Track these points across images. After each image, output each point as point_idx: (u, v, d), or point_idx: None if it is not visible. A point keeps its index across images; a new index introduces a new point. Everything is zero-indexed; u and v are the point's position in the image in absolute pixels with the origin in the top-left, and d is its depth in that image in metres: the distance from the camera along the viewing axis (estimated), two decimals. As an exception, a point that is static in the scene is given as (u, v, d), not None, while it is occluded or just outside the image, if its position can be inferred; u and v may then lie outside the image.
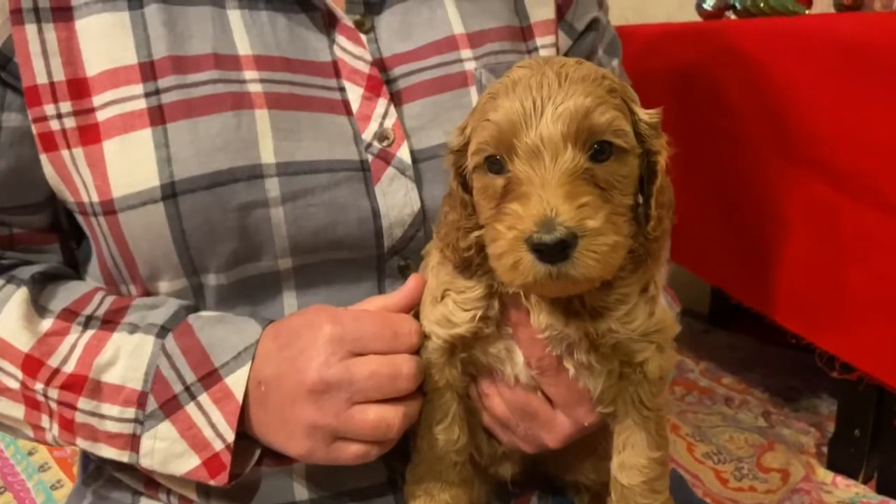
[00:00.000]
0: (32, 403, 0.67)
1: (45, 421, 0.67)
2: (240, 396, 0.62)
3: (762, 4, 1.50)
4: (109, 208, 0.66)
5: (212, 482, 0.64)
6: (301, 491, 0.69)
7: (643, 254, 0.56)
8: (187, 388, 0.63)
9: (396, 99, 0.73)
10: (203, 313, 0.68)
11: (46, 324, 0.67)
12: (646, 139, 0.55)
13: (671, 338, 0.60)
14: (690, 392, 1.75)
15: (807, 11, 1.53)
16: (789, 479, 1.39)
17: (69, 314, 0.68)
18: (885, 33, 1.20)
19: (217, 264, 0.67)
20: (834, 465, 1.44)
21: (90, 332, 0.67)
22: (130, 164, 0.65)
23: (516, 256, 0.49)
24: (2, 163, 0.68)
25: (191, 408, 0.63)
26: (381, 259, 0.71)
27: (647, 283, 0.58)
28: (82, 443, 0.67)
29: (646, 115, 0.55)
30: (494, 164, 0.53)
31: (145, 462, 0.65)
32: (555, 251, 0.48)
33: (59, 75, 0.65)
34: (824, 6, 1.54)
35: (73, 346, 0.66)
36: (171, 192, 0.64)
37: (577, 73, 0.53)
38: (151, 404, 0.64)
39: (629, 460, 0.61)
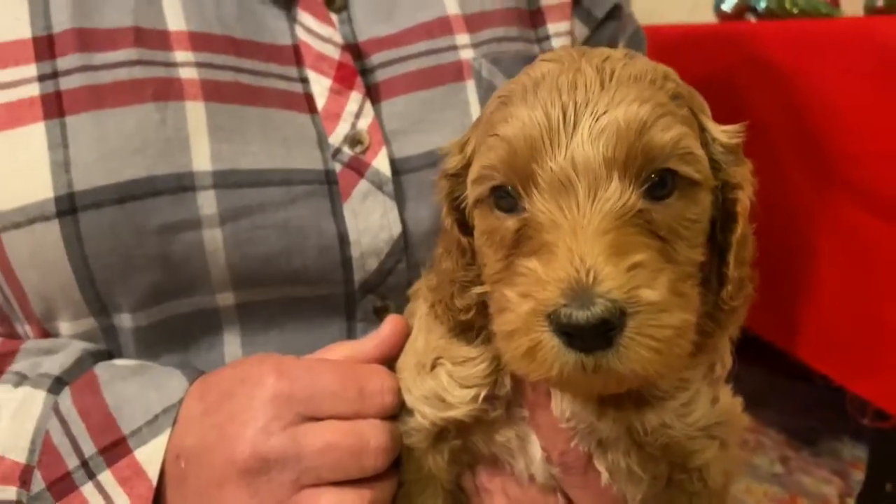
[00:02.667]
0: None
1: None
2: (154, 475, 0.49)
3: (789, 6, 1.40)
4: None
5: None
6: None
7: (712, 327, 0.42)
8: (84, 463, 0.50)
9: (374, 94, 0.62)
10: (117, 361, 0.55)
11: None
12: (722, 167, 0.41)
13: (739, 432, 0.47)
14: (698, 430, 1.62)
15: (836, 13, 1.45)
16: (816, 540, 1.27)
17: None
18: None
19: (132, 301, 0.54)
20: (861, 522, 1.32)
21: None
22: (15, 170, 0.53)
23: (533, 339, 0.35)
24: None
25: (88, 489, 0.50)
26: (351, 298, 0.59)
27: (713, 362, 0.45)
28: None
29: (722, 133, 0.41)
30: (504, 199, 0.39)
31: None
32: (592, 335, 0.33)
33: None
34: (855, 8, 1.45)
35: None
36: (68, 207, 0.52)
37: (627, 71, 0.38)
38: (38, 483, 0.51)
39: None
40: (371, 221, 0.58)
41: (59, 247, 0.53)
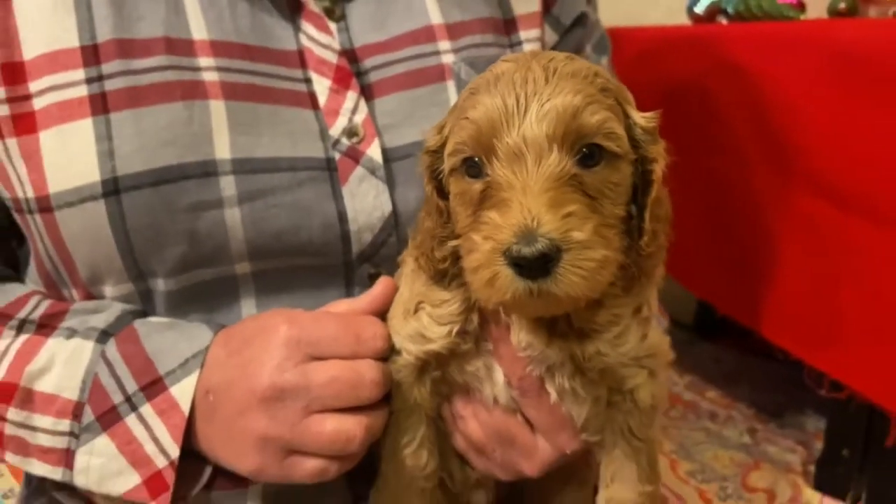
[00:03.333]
0: None
1: None
2: (186, 408, 0.57)
3: (755, 9, 1.47)
4: (45, 205, 0.61)
5: (151, 502, 0.58)
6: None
7: (636, 271, 0.51)
8: (128, 399, 0.58)
9: (367, 93, 0.68)
10: (151, 319, 0.63)
11: None
12: (641, 145, 0.50)
13: (665, 364, 0.55)
14: (674, 406, 1.71)
15: (802, 16, 1.50)
16: (776, 501, 1.36)
17: (1, 318, 0.63)
18: (882, 41, 1.17)
19: (165, 269, 0.62)
20: (821, 486, 1.40)
21: (23, 337, 0.62)
22: (68, 157, 0.60)
23: (493, 271, 0.44)
24: None
25: (131, 420, 0.58)
26: (350, 266, 0.66)
27: (640, 303, 0.53)
28: (12, 458, 0.61)
29: (642, 118, 0.50)
30: (472, 168, 0.48)
31: (80, 480, 0.60)
32: (536, 265, 0.43)
33: None
34: (819, 11, 1.50)
35: (4, 352, 0.61)
36: (112, 189, 0.59)
37: (566, 69, 0.48)
38: (88, 416, 0.59)
39: (618, 495, 0.56)
40: (366, 202, 0.65)
41: (105, 223, 0.59)
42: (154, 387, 0.58)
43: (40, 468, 0.61)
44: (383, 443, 0.60)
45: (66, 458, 0.60)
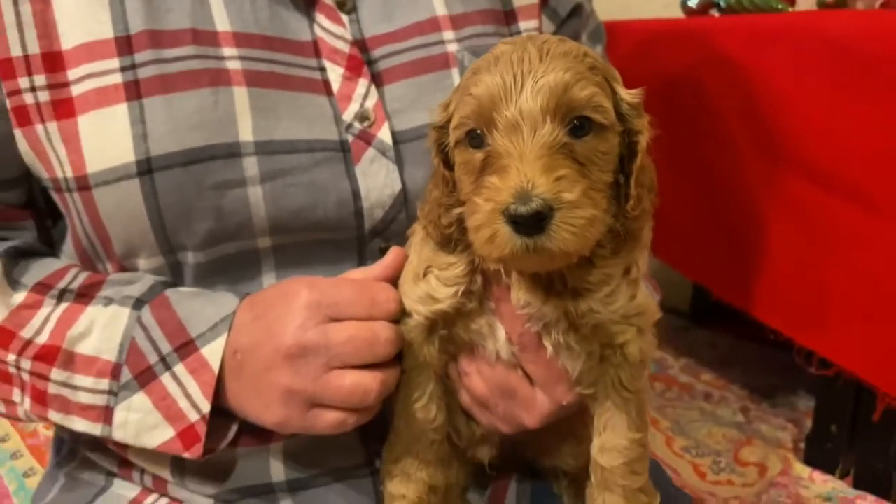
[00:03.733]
0: (4, 376, 0.66)
1: (16, 395, 0.66)
2: (216, 367, 0.62)
3: (746, 3, 1.50)
4: (84, 184, 0.65)
5: (185, 455, 0.63)
6: (278, 471, 0.69)
7: (624, 234, 0.56)
8: (163, 359, 0.63)
9: (377, 80, 0.73)
10: (181, 288, 0.68)
11: (19, 297, 0.67)
12: (627, 119, 0.55)
13: (652, 322, 0.60)
14: (670, 388, 1.75)
15: (791, 9, 1.53)
16: (767, 473, 1.40)
17: (42, 287, 0.68)
18: (869, 32, 1.21)
19: (194, 243, 0.66)
20: (811, 461, 1.44)
21: (64, 306, 0.66)
22: (105, 140, 0.64)
23: (493, 229, 0.49)
24: None
25: (166, 378, 0.63)
26: (362, 241, 0.70)
27: (629, 265, 0.58)
28: (54, 415, 0.66)
29: (628, 94, 0.55)
30: (475, 139, 0.53)
31: (118, 434, 0.64)
32: (531, 223, 0.48)
33: (34, 48, 0.65)
34: (808, 4, 1.54)
35: (47, 319, 0.66)
36: (146, 168, 0.63)
37: (558, 49, 0.53)
38: (125, 375, 0.63)
39: (609, 442, 0.61)
40: (377, 180, 0.69)
41: (139, 200, 0.64)
42: (186, 348, 0.63)
43: (81, 424, 0.65)
44: (396, 399, 0.65)
45: (106, 414, 0.64)
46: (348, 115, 0.70)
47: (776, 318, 1.40)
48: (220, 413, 0.65)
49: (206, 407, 0.62)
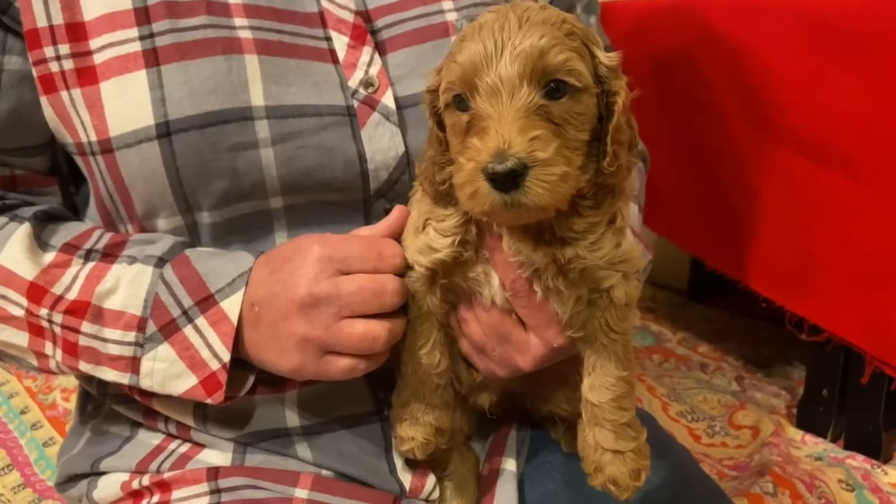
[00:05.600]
0: (36, 330, 0.70)
1: (48, 348, 0.70)
2: (234, 319, 0.65)
3: None
4: (107, 147, 0.69)
5: (208, 400, 0.67)
6: (293, 417, 0.73)
7: (607, 188, 0.60)
8: (185, 312, 0.67)
9: (381, 48, 0.76)
10: (199, 248, 0.72)
11: (49, 256, 0.70)
12: (605, 81, 0.58)
13: (637, 269, 0.63)
14: (667, 360, 1.79)
15: None
16: (759, 435, 1.44)
17: (70, 248, 0.71)
18: (854, 8, 1.25)
19: (210, 202, 0.70)
20: (803, 425, 1.48)
21: (91, 264, 0.70)
22: (126, 104, 0.68)
23: (474, 186, 0.53)
24: (3, 104, 0.71)
25: (188, 330, 0.66)
26: (368, 201, 0.74)
27: (613, 215, 0.62)
28: (85, 366, 0.70)
29: (606, 58, 0.59)
30: (461, 103, 0.57)
31: (145, 383, 0.68)
32: (507, 180, 0.52)
33: (58, 19, 0.68)
34: None
35: (76, 277, 0.69)
36: (165, 131, 0.67)
37: (537, 17, 0.56)
38: (151, 328, 0.67)
39: (598, 380, 0.64)
40: (382, 143, 0.72)
41: (159, 161, 0.67)
42: (207, 301, 0.66)
43: (111, 374, 0.69)
44: (402, 347, 0.69)
45: (133, 364, 0.68)
46: (354, 81, 0.73)
47: (768, 287, 1.44)
48: (240, 363, 0.68)
49: (226, 356, 0.66)
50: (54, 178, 0.78)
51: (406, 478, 0.74)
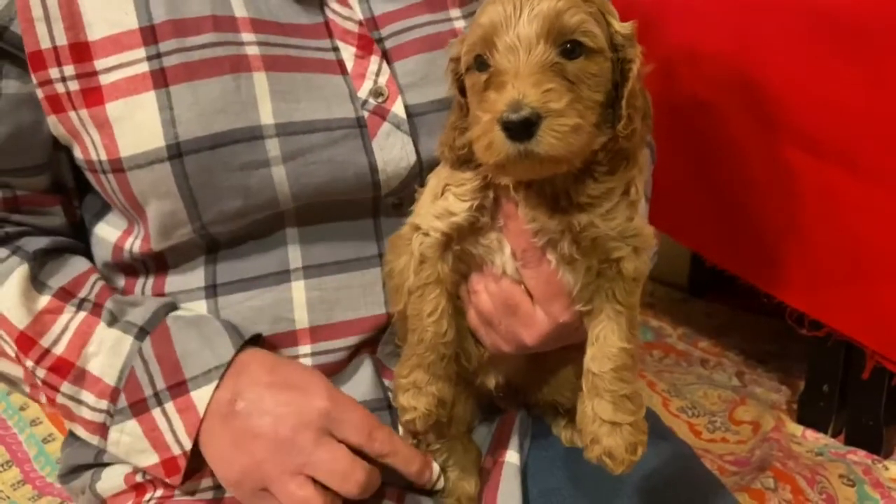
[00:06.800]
0: (27, 373, 0.72)
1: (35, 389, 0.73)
2: (202, 411, 0.67)
3: None
4: (118, 166, 0.69)
5: (167, 480, 0.69)
6: None
7: (621, 153, 0.61)
8: (156, 394, 0.68)
9: (389, 57, 0.76)
10: (181, 313, 0.72)
11: (44, 300, 0.71)
12: (620, 48, 0.60)
13: (648, 246, 0.64)
14: (668, 355, 1.79)
15: None
16: (760, 431, 1.45)
17: (65, 294, 0.72)
18: (852, 3, 1.24)
19: (224, 218, 0.71)
20: (804, 420, 1.49)
21: (82, 315, 0.71)
22: (137, 126, 0.67)
23: (490, 136, 0.55)
24: (2, 128, 0.71)
25: (157, 413, 0.68)
26: (378, 199, 0.75)
27: (628, 185, 0.63)
28: (64, 418, 0.73)
29: (620, 26, 0.61)
30: (482, 64, 0.59)
31: (111, 449, 0.70)
32: (521, 129, 0.53)
33: (62, 40, 0.68)
34: None
35: (66, 327, 0.71)
36: (176, 153, 0.67)
37: None
38: (122, 402, 0.69)
39: (600, 350, 0.65)
40: (393, 153, 0.72)
41: (171, 181, 0.67)
42: (179, 388, 0.68)
43: (81, 432, 0.72)
44: (409, 317, 0.69)
45: (102, 430, 0.70)
46: (363, 91, 0.73)
47: (768, 283, 1.44)
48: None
49: (188, 444, 0.67)
50: (57, 196, 0.78)
51: None
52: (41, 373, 0.70)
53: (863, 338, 1.33)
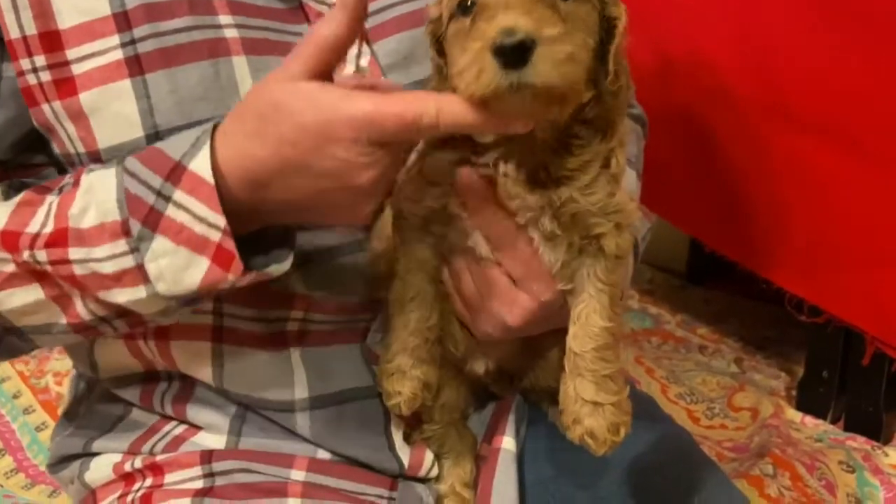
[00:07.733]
0: (39, 276, 0.65)
1: (65, 287, 0.65)
2: (209, 177, 0.59)
3: None
4: (96, 158, 0.67)
5: (230, 277, 0.61)
6: (301, 390, 0.72)
7: (599, 121, 0.60)
8: (158, 193, 0.60)
9: (368, 37, 0.74)
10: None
11: (17, 197, 0.66)
12: (606, 6, 0.59)
13: (630, 222, 0.63)
14: (666, 342, 1.79)
15: None
16: (759, 417, 1.44)
17: (43, 189, 0.68)
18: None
19: None
20: (803, 407, 1.49)
21: (62, 195, 0.65)
22: (113, 116, 0.65)
23: (480, 65, 0.52)
24: (4, 112, 0.68)
25: (170, 210, 0.60)
26: None
27: (607, 158, 0.61)
28: (103, 294, 0.64)
29: None
30: (465, 9, 0.56)
31: (162, 287, 0.62)
32: (515, 54, 0.51)
33: (31, 29, 0.65)
34: None
35: (48, 211, 0.64)
36: (156, 142, 0.64)
37: None
38: (135, 226, 0.60)
39: (582, 329, 0.63)
40: None
41: None
42: (175, 172, 0.60)
43: (124, 294, 0.62)
44: (392, 300, 0.68)
45: (140, 273, 0.61)
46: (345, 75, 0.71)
47: (767, 269, 1.44)
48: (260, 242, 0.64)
49: (221, 221, 0.59)
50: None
51: (405, 454, 0.74)
52: (42, 255, 0.62)
53: (862, 323, 1.33)
